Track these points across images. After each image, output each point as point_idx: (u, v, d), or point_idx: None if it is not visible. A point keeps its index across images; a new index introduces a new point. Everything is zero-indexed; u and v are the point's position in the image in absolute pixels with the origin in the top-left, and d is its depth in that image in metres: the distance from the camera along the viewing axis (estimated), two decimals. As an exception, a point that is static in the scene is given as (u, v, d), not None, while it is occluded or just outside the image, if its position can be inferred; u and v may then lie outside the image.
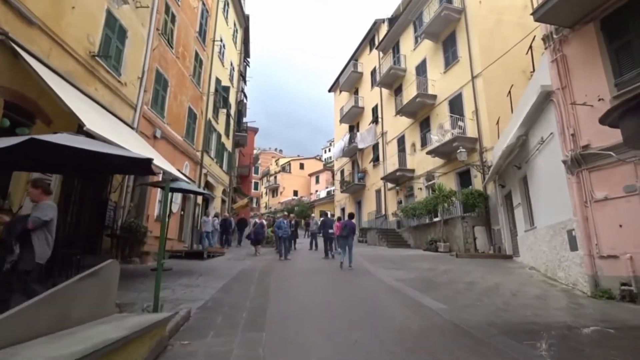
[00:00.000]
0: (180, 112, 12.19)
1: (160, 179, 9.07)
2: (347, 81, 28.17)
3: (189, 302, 5.18)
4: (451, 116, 15.45)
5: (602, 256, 5.87)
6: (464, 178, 14.96)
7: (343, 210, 29.06)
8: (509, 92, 12.08)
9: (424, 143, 17.72)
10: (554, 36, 7.15)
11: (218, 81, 16.08)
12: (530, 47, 10.79)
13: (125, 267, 7.34)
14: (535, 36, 13.44)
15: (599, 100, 6.06)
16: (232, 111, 19.59)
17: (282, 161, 58.29)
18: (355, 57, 28.27)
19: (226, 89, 16.83)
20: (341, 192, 28.15)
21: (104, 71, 7.77)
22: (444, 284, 7.08)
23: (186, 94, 12.64)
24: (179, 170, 9.42)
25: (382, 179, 20.86)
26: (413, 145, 19.15)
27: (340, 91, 30.86)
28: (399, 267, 9.45)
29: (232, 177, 19.55)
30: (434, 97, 17.35)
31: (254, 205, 60.58)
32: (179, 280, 6.93)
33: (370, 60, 25.81)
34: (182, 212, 12.57)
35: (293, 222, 13.07)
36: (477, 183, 13.98)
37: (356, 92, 27.94)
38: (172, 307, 4.72)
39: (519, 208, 10.12)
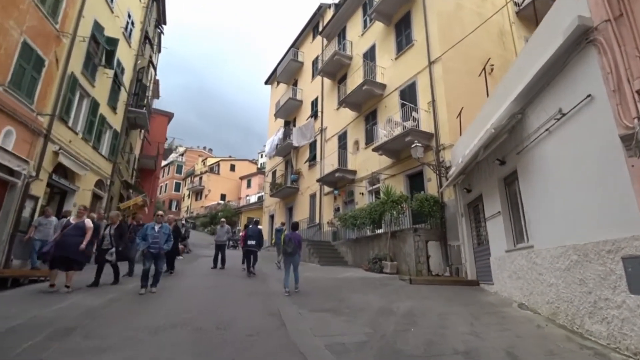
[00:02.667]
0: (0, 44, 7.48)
1: None
2: (286, 71, 24.82)
3: None
4: (403, 105, 12.86)
5: None
6: (415, 182, 12.37)
7: (272, 217, 25.27)
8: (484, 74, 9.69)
9: (369, 140, 14.95)
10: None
11: (98, 27, 11.40)
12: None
13: None
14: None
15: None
16: (127, 78, 14.76)
17: (210, 161, 52.43)
18: (296, 46, 25.13)
19: (112, 42, 12.16)
20: (270, 195, 24.35)
21: None
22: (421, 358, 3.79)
23: (18, 20, 7.96)
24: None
25: (318, 181, 17.64)
26: (356, 142, 16.32)
27: (278, 83, 27.39)
28: (335, 305, 6.07)
29: (118, 165, 14.57)
30: (383, 86, 14.75)
31: (174, 209, 53.49)
32: None
33: (313, 49, 22.85)
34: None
35: (172, 225, 8.82)
36: (431, 188, 11.44)
37: (295, 84, 24.69)
38: None
39: (496, 219, 7.50)
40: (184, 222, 20.46)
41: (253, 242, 9.98)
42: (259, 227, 11.03)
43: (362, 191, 15.06)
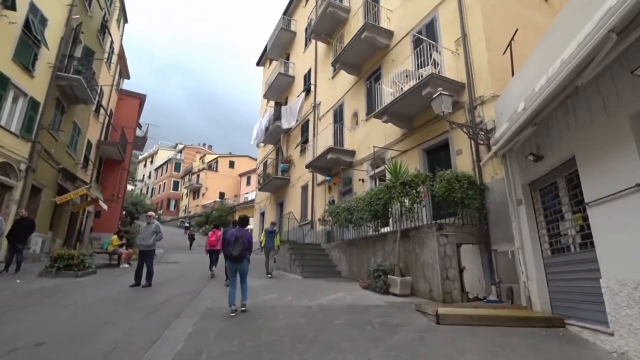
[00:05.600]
0: None
1: None
2: (277, 44, 21.19)
3: None
4: (418, 44, 9.01)
5: None
6: (438, 158, 8.52)
7: (263, 214, 21.66)
8: None
9: (371, 108, 11.15)
10: None
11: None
12: None
13: None
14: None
15: None
16: (53, 34, 11.29)
17: (209, 158, 49.26)
18: (288, 14, 21.47)
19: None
20: (259, 190, 20.78)
21: None
22: None
23: None
24: None
25: (307, 167, 13.90)
26: (355, 115, 12.54)
27: (270, 61, 23.81)
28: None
29: (44, 148, 11.15)
30: (390, 34, 10.94)
31: (172, 209, 50.58)
32: None
33: (306, 15, 19.14)
34: None
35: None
36: (463, 164, 7.59)
37: (288, 59, 21.04)
38: None
39: (622, 202, 3.64)
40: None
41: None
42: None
43: (362, 177, 11.27)
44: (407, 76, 8.75)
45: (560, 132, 4.72)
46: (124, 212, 28.97)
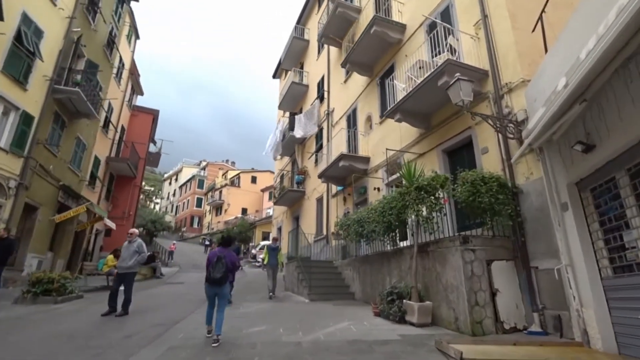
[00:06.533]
0: None
1: None
2: (290, 54, 20.80)
3: None
4: (433, 28, 7.99)
5: None
6: (460, 158, 7.36)
7: (280, 229, 20.86)
8: None
9: (384, 111, 10.14)
10: None
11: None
12: None
13: None
14: None
15: None
16: (50, 46, 11.20)
17: (231, 174, 49.58)
18: (301, 23, 21.11)
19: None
20: (274, 203, 20.06)
21: None
22: None
23: None
24: None
25: (319, 176, 13.00)
26: (369, 118, 11.59)
27: (286, 72, 23.44)
28: None
29: (38, 163, 10.97)
30: (402, 28, 10.02)
31: (195, 225, 51.07)
32: None
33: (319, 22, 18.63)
34: None
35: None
36: (490, 163, 6.40)
37: (302, 68, 20.56)
38: None
39: None
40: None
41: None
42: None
43: (377, 185, 10.20)
44: (420, 68, 7.74)
45: (620, 110, 3.55)
46: (143, 230, 29.24)
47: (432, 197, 5.93)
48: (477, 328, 4.94)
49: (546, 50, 5.59)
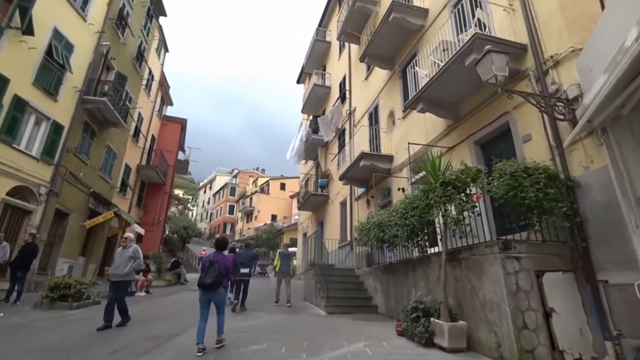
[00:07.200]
0: None
1: None
2: (312, 57, 20.34)
3: None
4: (459, 7, 6.99)
5: None
6: (496, 150, 6.26)
7: (305, 235, 20.17)
8: None
9: (410, 108, 9.20)
10: None
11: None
12: None
13: None
14: None
15: None
16: (81, 60, 11.46)
17: (261, 181, 49.92)
18: (323, 25, 20.59)
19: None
20: (299, 208, 19.46)
21: None
22: None
23: None
24: None
25: (340, 178, 12.19)
26: (391, 114, 10.67)
27: (309, 77, 23.00)
28: None
29: (68, 171, 11.09)
30: (424, 12, 9.09)
31: (228, 232, 51.76)
32: None
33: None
34: None
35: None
36: (534, 152, 5.29)
37: (324, 70, 19.99)
38: None
39: None
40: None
41: (244, 270, 8.21)
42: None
43: (401, 185, 9.22)
44: (445, 50, 6.76)
45: None
46: (176, 236, 29.80)
47: (462, 194, 4.93)
48: (527, 358, 3.87)
49: (603, 7, 4.49)
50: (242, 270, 8.36)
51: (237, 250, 9.62)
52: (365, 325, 6.16)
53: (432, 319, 4.85)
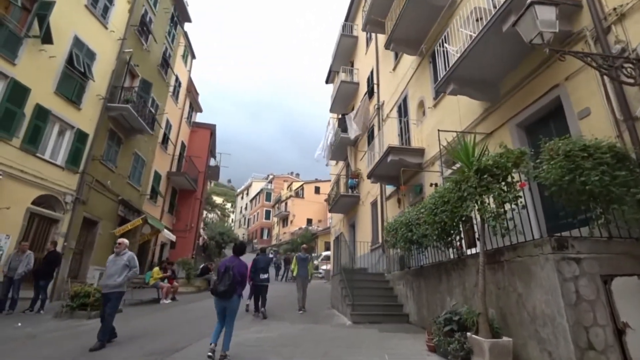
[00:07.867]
0: None
1: None
2: (340, 52, 19.80)
3: None
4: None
5: None
6: (545, 133, 5.24)
7: (337, 238, 19.50)
8: None
9: (438, 91, 8.32)
10: None
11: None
12: None
13: None
14: None
15: None
16: (103, 68, 11.78)
17: (295, 185, 50.01)
18: (350, 19, 19.99)
19: (45, 6, 9.11)
20: (329, 211, 18.89)
21: None
22: None
23: None
24: None
25: (369, 176, 11.45)
26: (421, 104, 9.80)
27: (337, 74, 22.45)
28: None
29: (94, 179, 11.38)
30: (454, -13, 8.18)
31: (265, 237, 52.36)
32: None
33: (366, 15, 17.27)
34: None
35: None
36: (592, 128, 4.29)
37: (352, 66, 19.35)
38: None
39: None
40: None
41: (265, 276, 8.25)
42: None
43: (434, 181, 8.32)
44: (478, 19, 5.89)
45: None
46: (213, 242, 30.41)
47: (502, 183, 4.08)
48: (594, 391, 2.98)
49: None
50: (262, 276, 8.15)
51: (257, 255, 9.28)
52: (393, 338, 5.41)
53: (468, 333, 4.03)
